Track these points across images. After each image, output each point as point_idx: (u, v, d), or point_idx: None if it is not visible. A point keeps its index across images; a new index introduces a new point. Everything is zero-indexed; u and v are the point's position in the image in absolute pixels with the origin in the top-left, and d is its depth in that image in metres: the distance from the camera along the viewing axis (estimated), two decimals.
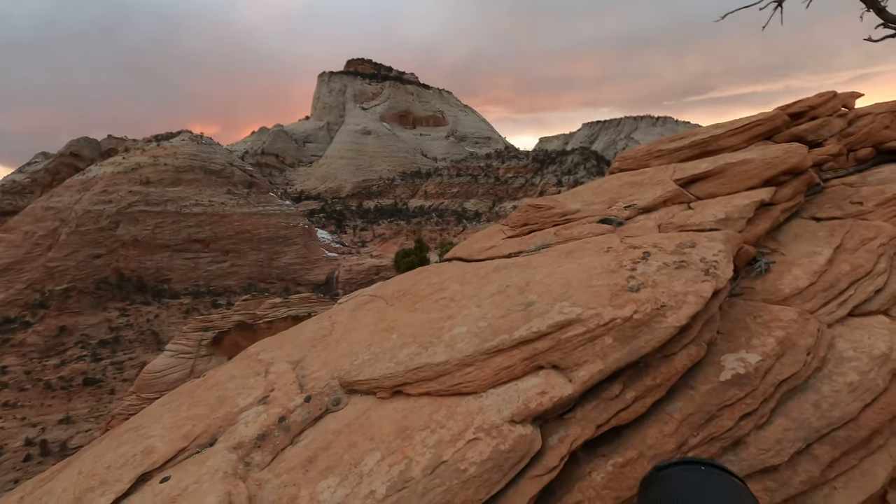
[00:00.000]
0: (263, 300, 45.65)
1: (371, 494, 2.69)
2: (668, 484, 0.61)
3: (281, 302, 43.33)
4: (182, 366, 37.02)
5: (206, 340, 40.26)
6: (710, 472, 0.62)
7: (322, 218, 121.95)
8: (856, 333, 3.67)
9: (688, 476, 0.62)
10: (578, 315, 3.53)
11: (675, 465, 0.63)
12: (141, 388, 34.61)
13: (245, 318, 41.08)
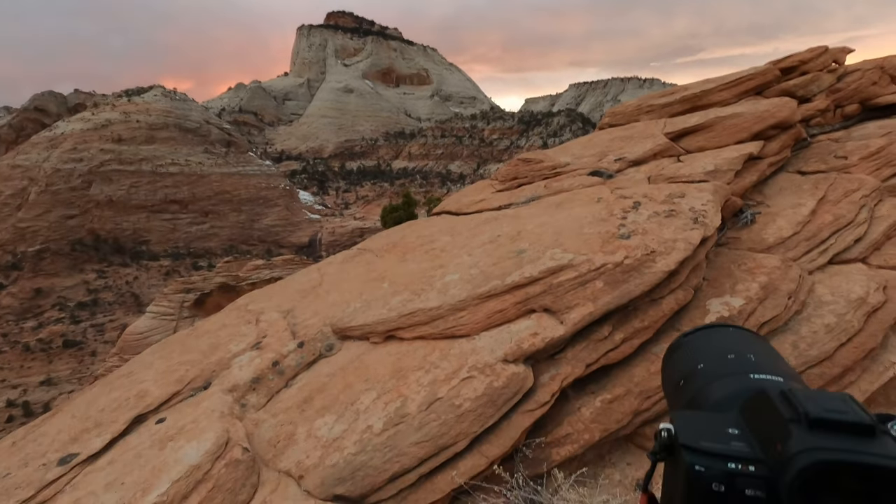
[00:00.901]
0: (246, 262, 45.16)
1: (368, 429, 2.76)
2: (695, 343, 0.62)
3: (264, 264, 42.93)
4: (164, 327, 36.79)
5: (188, 302, 39.93)
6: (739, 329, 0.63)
7: (304, 179, 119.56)
8: (835, 279, 3.80)
9: (716, 330, 0.63)
10: (570, 261, 3.58)
11: (702, 328, 0.64)
12: (123, 350, 34.44)
13: (228, 280, 40.70)
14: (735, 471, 0.41)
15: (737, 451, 0.42)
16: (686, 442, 0.44)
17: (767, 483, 0.40)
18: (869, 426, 0.39)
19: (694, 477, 0.42)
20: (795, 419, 0.41)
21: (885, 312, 3.49)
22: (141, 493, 2.45)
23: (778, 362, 0.58)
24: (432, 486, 2.60)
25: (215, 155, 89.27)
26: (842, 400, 0.42)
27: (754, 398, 0.47)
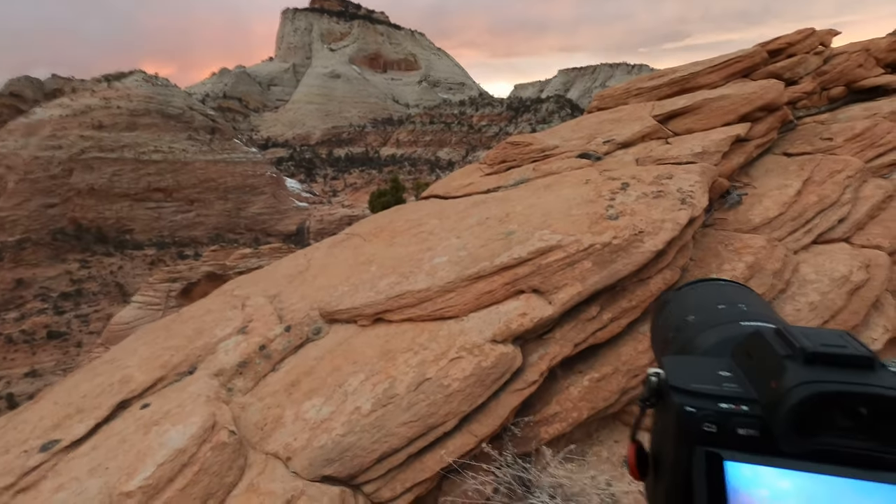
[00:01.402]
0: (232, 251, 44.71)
1: (357, 410, 2.74)
2: (684, 296, 0.60)
3: (251, 252, 42.55)
4: (150, 317, 36.39)
5: (174, 292, 39.52)
6: (729, 281, 0.61)
7: (291, 166, 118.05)
8: (819, 259, 3.84)
9: (706, 284, 0.61)
10: (559, 241, 3.56)
11: (691, 283, 0.62)
12: (109, 340, 34.04)
13: (214, 269, 40.31)
14: (727, 410, 0.39)
15: (729, 391, 0.40)
16: (676, 384, 0.42)
17: (761, 422, 0.38)
18: (867, 358, 0.37)
19: (685, 418, 0.40)
20: (791, 355, 0.39)
21: (867, 290, 3.54)
22: (126, 477, 2.42)
23: (769, 311, 0.56)
24: (421, 466, 2.59)
25: (199, 142, 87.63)
26: (839, 335, 0.40)
27: (748, 340, 0.45)
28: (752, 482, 0.37)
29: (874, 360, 0.38)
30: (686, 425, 0.40)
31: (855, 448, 0.36)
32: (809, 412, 0.36)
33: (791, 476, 0.37)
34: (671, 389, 0.42)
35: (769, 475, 0.37)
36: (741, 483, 0.37)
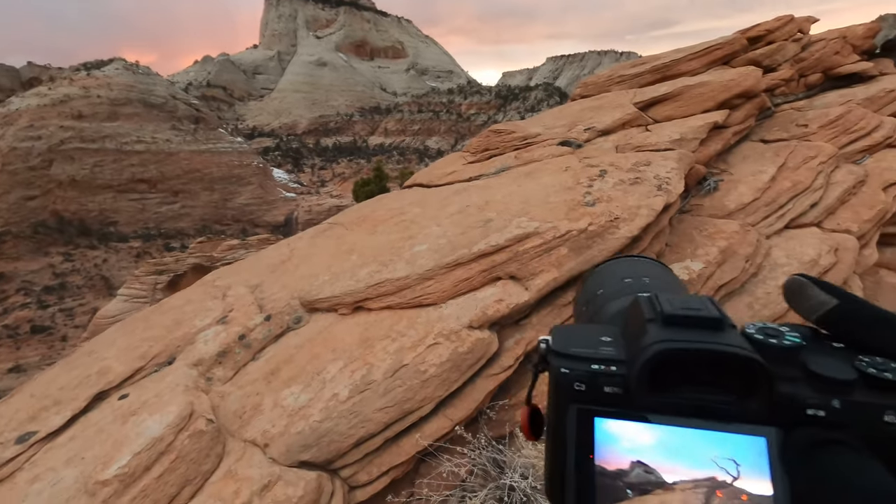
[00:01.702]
0: (220, 242, 44.21)
1: (334, 396, 2.77)
2: (601, 271, 0.63)
3: (239, 244, 42.10)
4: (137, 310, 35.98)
5: (160, 284, 39.03)
6: (646, 258, 0.64)
7: (277, 156, 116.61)
8: (790, 243, 3.93)
9: (623, 260, 0.64)
10: (536, 228, 3.60)
11: (612, 259, 0.65)
12: (95, 334, 33.63)
13: (201, 261, 39.84)
14: (597, 370, 0.42)
15: (603, 354, 0.43)
16: (556, 348, 0.45)
17: (624, 380, 0.41)
18: (717, 320, 0.40)
19: (559, 378, 0.43)
20: (653, 319, 0.42)
21: (835, 273, 3.64)
22: (102, 466, 2.43)
23: (672, 285, 0.59)
24: (398, 450, 2.64)
25: (183, 132, 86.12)
26: (699, 301, 0.43)
27: (629, 308, 0.48)
28: (615, 436, 0.40)
29: (723, 322, 0.40)
30: (560, 385, 0.43)
31: (703, 401, 0.40)
32: (659, 368, 0.39)
33: (649, 429, 0.40)
34: (552, 353, 0.44)
35: (630, 429, 0.40)
36: (606, 437, 0.40)
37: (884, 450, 0.37)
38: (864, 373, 0.39)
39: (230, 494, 2.32)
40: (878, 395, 0.38)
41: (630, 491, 0.39)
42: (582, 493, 0.40)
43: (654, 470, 0.39)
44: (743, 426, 0.39)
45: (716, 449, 0.39)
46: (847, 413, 0.38)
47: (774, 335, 0.42)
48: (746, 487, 0.38)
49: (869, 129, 5.15)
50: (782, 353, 0.41)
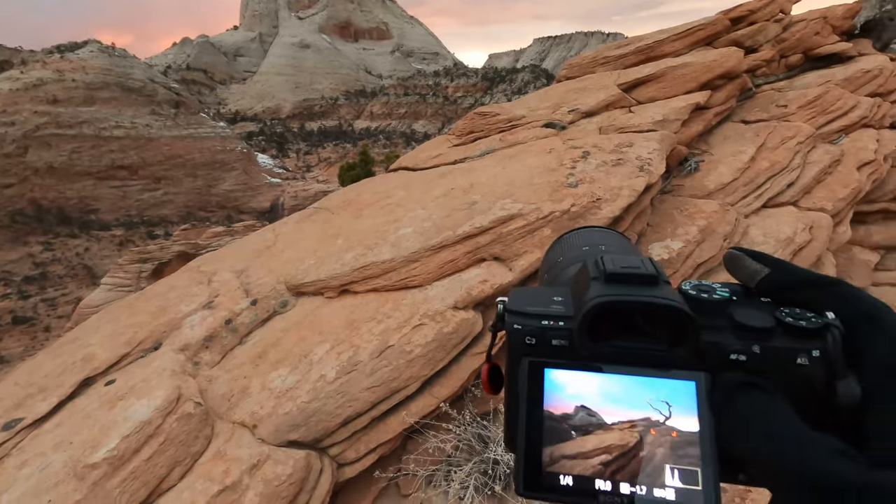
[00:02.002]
0: (204, 229, 43.63)
1: (322, 378, 2.81)
2: (563, 241, 0.67)
3: (224, 231, 41.61)
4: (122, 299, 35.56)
5: (145, 272, 38.52)
6: (607, 229, 0.68)
7: (261, 141, 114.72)
8: (767, 222, 4.02)
9: (584, 230, 0.68)
10: (520, 210, 3.64)
11: (573, 230, 0.68)
12: (79, 324, 33.22)
13: (186, 249, 39.33)
14: (546, 326, 0.46)
15: (553, 311, 0.47)
16: (511, 307, 0.48)
17: (570, 333, 0.44)
18: (653, 276, 0.44)
19: (513, 334, 0.46)
20: (597, 277, 0.46)
21: (809, 250, 3.74)
22: (90, 450, 2.45)
23: (623, 251, 0.63)
24: (385, 427, 2.69)
25: (164, 116, 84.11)
26: (639, 260, 0.47)
27: (578, 270, 0.51)
28: (562, 384, 0.44)
29: (658, 278, 0.44)
30: (513, 340, 0.46)
31: (639, 350, 0.43)
32: (598, 320, 0.43)
33: (592, 377, 0.43)
34: (507, 312, 0.48)
35: (575, 377, 0.44)
36: (554, 386, 0.44)
37: (794, 389, 0.42)
38: (782, 321, 0.43)
39: (220, 474, 2.36)
40: (792, 340, 0.42)
41: (574, 432, 0.43)
42: (532, 436, 0.44)
43: (596, 413, 0.43)
44: (675, 372, 0.43)
45: (651, 393, 0.43)
46: (765, 357, 0.42)
47: (706, 291, 0.46)
48: (677, 426, 0.42)
49: (846, 110, 5.25)
50: (712, 306, 0.45)
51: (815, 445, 0.36)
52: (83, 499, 2.21)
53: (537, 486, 0.43)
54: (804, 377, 0.41)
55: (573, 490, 0.42)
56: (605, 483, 0.42)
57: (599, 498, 0.41)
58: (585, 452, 0.42)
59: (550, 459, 0.43)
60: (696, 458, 0.41)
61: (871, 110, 5.30)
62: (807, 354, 0.41)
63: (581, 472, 0.42)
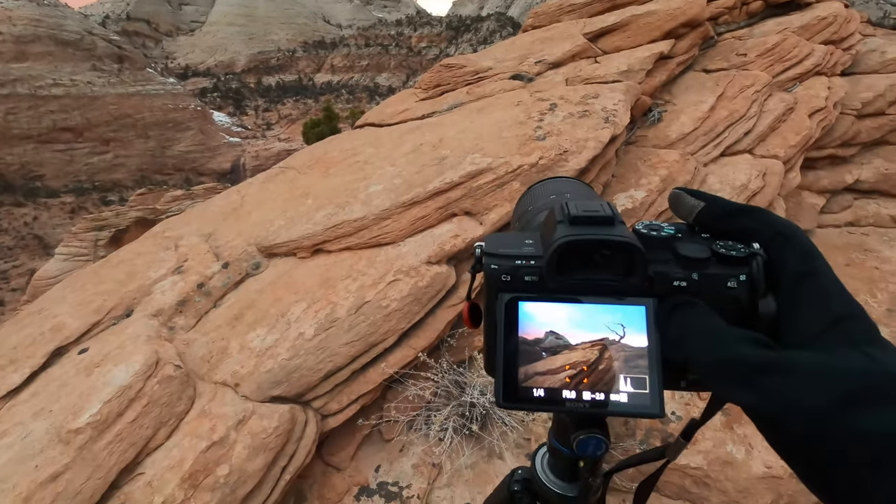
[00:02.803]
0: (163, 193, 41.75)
1: (300, 335, 2.87)
2: (531, 191, 0.73)
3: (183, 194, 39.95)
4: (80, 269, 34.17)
5: (102, 240, 36.93)
6: (573, 179, 0.74)
7: (216, 98, 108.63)
8: (725, 170, 4.20)
9: (553, 180, 0.74)
10: (489, 164, 3.67)
11: (542, 181, 0.74)
12: (35, 296, 31.91)
13: (144, 214, 37.71)
14: (519, 265, 0.52)
15: (525, 252, 0.53)
16: (488, 250, 0.54)
17: (540, 270, 0.51)
18: (609, 217, 0.51)
19: (490, 273, 0.53)
20: (562, 220, 0.52)
21: (761, 196, 3.95)
22: (72, 416, 2.46)
23: (587, 197, 0.70)
24: (365, 379, 2.80)
25: (106, 73, 78.18)
26: (599, 204, 0.54)
27: (546, 216, 0.58)
28: (534, 314, 0.51)
29: (614, 219, 0.51)
30: (491, 278, 0.53)
31: (598, 281, 0.51)
32: (564, 257, 0.50)
33: (559, 307, 0.51)
34: (484, 255, 0.54)
35: (545, 308, 0.51)
36: (527, 316, 0.51)
37: (725, 308, 0.50)
38: (716, 252, 0.51)
39: (206, 431, 2.43)
40: (724, 268, 0.50)
41: (545, 353, 0.51)
42: (509, 359, 0.51)
43: (563, 336, 0.51)
44: (628, 299, 0.51)
45: (608, 317, 0.50)
46: (702, 283, 0.50)
47: (655, 229, 0.53)
48: (629, 343, 0.50)
49: (801, 58, 5.39)
50: (659, 242, 0.52)
51: (729, 335, 0.44)
52: (71, 462, 2.26)
53: (514, 399, 0.51)
54: (733, 298, 0.50)
55: (544, 399, 0.50)
56: (571, 392, 0.50)
57: (566, 404, 0.50)
58: (554, 369, 0.50)
59: (525, 377, 0.51)
60: (644, 368, 0.49)
61: (825, 58, 5.47)
62: (735, 279, 0.49)
63: (550, 385, 0.50)
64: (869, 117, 5.33)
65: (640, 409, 0.49)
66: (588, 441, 0.54)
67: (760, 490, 2.74)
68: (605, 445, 0.54)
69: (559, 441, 0.64)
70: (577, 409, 0.50)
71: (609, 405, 0.49)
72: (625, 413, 0.50)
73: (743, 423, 3.04)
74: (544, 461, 0.70)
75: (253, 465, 2.32)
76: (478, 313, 0.59)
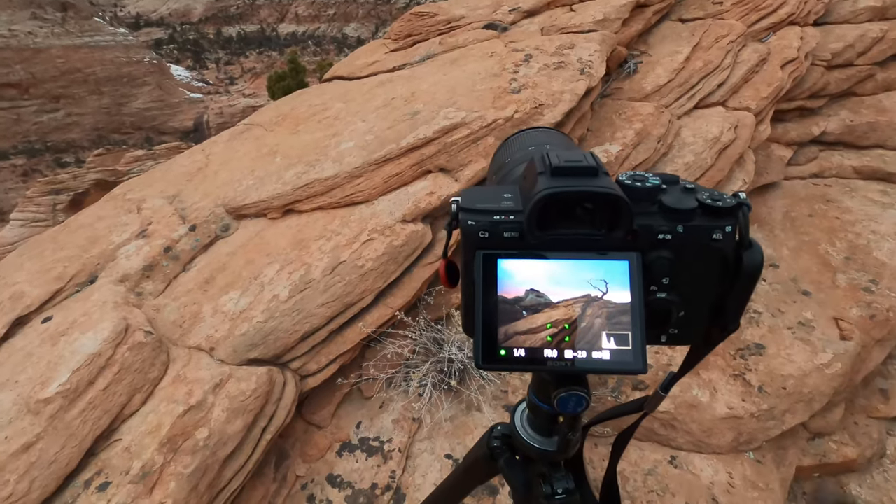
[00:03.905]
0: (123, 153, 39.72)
1: (275, 297, 2.83)
2: (509, 143, 0.69)
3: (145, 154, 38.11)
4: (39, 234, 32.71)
5: (61, 204, 35.28)
6: (551, 129, 0.71)
7: (173, 50, 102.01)
8: (698, 122, 4.20)
9: (530, 131, 0.70)
10: (463, 119, 3.58)
11: (519, 131, 0.70)
12: None
13: (104, 176, 35.99)
14: (498, 220, 0.49)
15: (504, 206, 0.50)
16: (464, 206, 0.51)
17: (520, 226, 0.49)
18: (593, 168, 0.48)
19: (467, 229, 0.50)
20: (544, 171, 0.49)
21: (733, 149, 3.99)
22: (40, 386, 2.40)
23: (567, 148, 0.66)
24: (343, 339, 2.80)
25: (49, 22, 72.11)
26: (581, 154, 0.51)
27: (526, 167, 0.55)
28: (514, 272, 0.49)
29: (598, 170, 0.48)
30: (468, 235, 0.50)
31: (581, 235, 0.49)
32: (545, 209, 0.47)
33: (540, 263, 0.49)
34: (461, 210, 0.51)
35: (525, 265, 0.49)
36: (506, 274, 0.49)
37: (710, 259, 0.49)
38: (702, 203, 0.49)
39: (183, 395, 2.41)
40: (710, 219, 0.48)
41: (525, 312, 0.49)
42: (488, 319, 0.49)
43: (544, 294, 0.49)
44: (611, 254, 0.49)
45: (591, 273, 0.48)
46: (687, 235, 0.48)
47: (640, 179, 0.51)
48: (612, 299, 0.48)
49: (776, 6, 5.33)
50: (644, 193, 0.50)
51: None
52: (43, 431, 2.21)
53: (494, 360, 0.49)
54: (718, 249, 0.48)
55: (525, 359, 0.49)
56: (552, 351, 0.48)
57: (547, 364, 0.49)
58: (535, 328, 0.49)
59: (505, 336, 0.49)
60: (627, 325, 0.48)
61: (798, 6, 5.42)
62: (721, 230, 0.48)
63: (531, 344, 0.48)
64: (838, 68, 5.37)
65: (623, 366, 0.48)
66: (569, 398, 0.54)
67: (723, 429, 2.91)
68: (585, 402, 0.54)
69: (539, 397, 0.64)
70: (558, 369, 0.49)
71: (591, 363, 0.48)
72: (608, 371, 0.49)
73: (709, 368, 3.19)
74: (524, 417, 0.70)
75: (232, 427, 2.32)
76: (455, 272, 0.57)
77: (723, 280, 0.48)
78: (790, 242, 4.19)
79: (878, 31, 5.36)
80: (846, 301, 3.56)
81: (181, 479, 2.14)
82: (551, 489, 0.65)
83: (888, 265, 3.78)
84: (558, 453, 0.66)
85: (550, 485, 0.65)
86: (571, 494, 0.65)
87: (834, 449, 3.33)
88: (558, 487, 0.64)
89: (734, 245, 0.48)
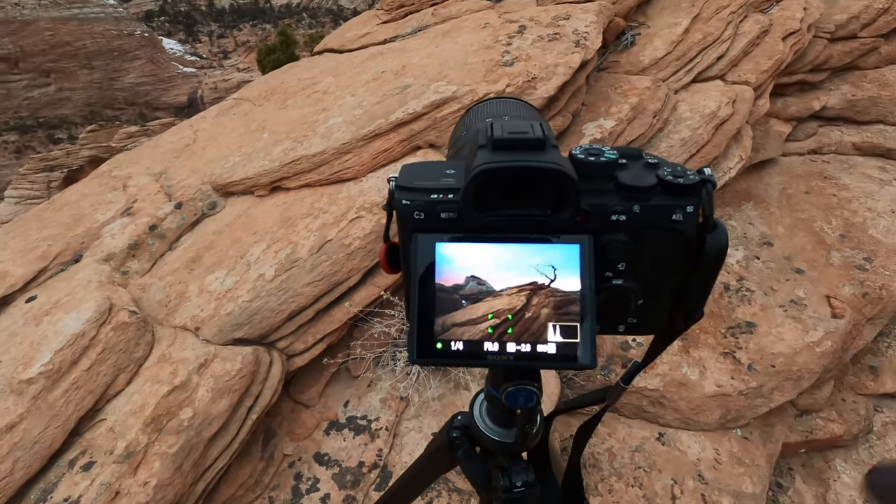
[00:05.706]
0: (116, 130, 39.19)
1: (261, 277, 2.79)
2: (469, 113, 0.64)
3: (139, 130, 37.60)
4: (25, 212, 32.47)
5: (55, 182, 35.01)
6: (515, 99, 0.65)
7: (165, 23, 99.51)
8: (695, 97, 4.10)
9: (492, 101, 0.65)
10: (454, 93, 3.48)
11: (481, 101, 0.65)
12: None
13: (98, 153, 35.57)
14: (435, 199, 0.44)
15: (443, 185, 0.45)
16: (401, 184, 0.46)
17: (459, 206, 0.44)
18: (539, 140, 0.43)
19: (402, 210, 0.45)
20: (485, 144, 0.44)
21: (730, 124, 3.90)
22: (23, 367, 2.38)
23: (526, 118, 0.61)
24: (329, 319, 2.78)
25: None
26: (528, 124, 0.45)
27: (471, 139, 0.49)
28: (452, 257, 0.44)
29: (545, 142, 0.43)
30: (403, 216, 0.45)
31: (525, 216, 0.44)
32: (483, 189, 0.42)
33: (481, 247, 0.44)
34: (397, 188, 0.46)
35: (465, 249, 0.44)
36: (444, 259, 0.44)
37: (670, 242, 0.44)
38: (662, 180, 0.44)
39: (168, 375, 2.39)
40: (670, 198, 0.43)
41: (464, 301, 0.44)
42: (424, 309, 0.45)
43: (486, 281, 0.44)
44: (560, 237, 0.44)
45: (537, 258, 0.44)
46: (644, 216, 0.44)
47: (595, 154, 0.45)
48: (561, 287, 0.44)
49: None
50: (598, 168, 0.44)
51: None
52: (26, 412, 2.20)
53: (430, 354, 0.45)
54: (678, 231, 0.44)
55: (463, 354, 0.44)
56: (493, 344, 0.44)
57: (487, 358, 0.44)
58: (475, 319, 0.44)
59: (442, 328, 0.44)
60: (576, 315, 0.44)
61: None
62: (682, 210, 0.43)
63: (470, 337, 0.44)
64: (841, 41, 5.22)
65: (570, 360, 0.44)
66: (517, 393, 0.50)
67: (711, 407, 2.92)
68: (536, 397, 0.50)
69: (495, 388, 0.61)
70: (499, 363, 0.44)
71: (535, 357, 0.44)
72: (553, 366, 0.44)
73: (699, 346, 3.18)
74: (482, 408, 0.66)
75: (217, 407, 2.31)
76: (396, 256, 0.52)
77: (685, 265, 0.44)
78: (786, 220, 4.14)
79: (883, 2, 5.20)
80: (839, 279, 3.54)
81: (166, 459, 2.14)
82: (510, 482, 0.62)
83: (883, 243, 3.74)
84: (517, 445, 0.62)
85: (509, 477, 0.62)
86: (531, 487, 0.62)
87: (821, 425, 3.35)
88: (517, 480, 0.61)
89: (696, 227, 0.43)
